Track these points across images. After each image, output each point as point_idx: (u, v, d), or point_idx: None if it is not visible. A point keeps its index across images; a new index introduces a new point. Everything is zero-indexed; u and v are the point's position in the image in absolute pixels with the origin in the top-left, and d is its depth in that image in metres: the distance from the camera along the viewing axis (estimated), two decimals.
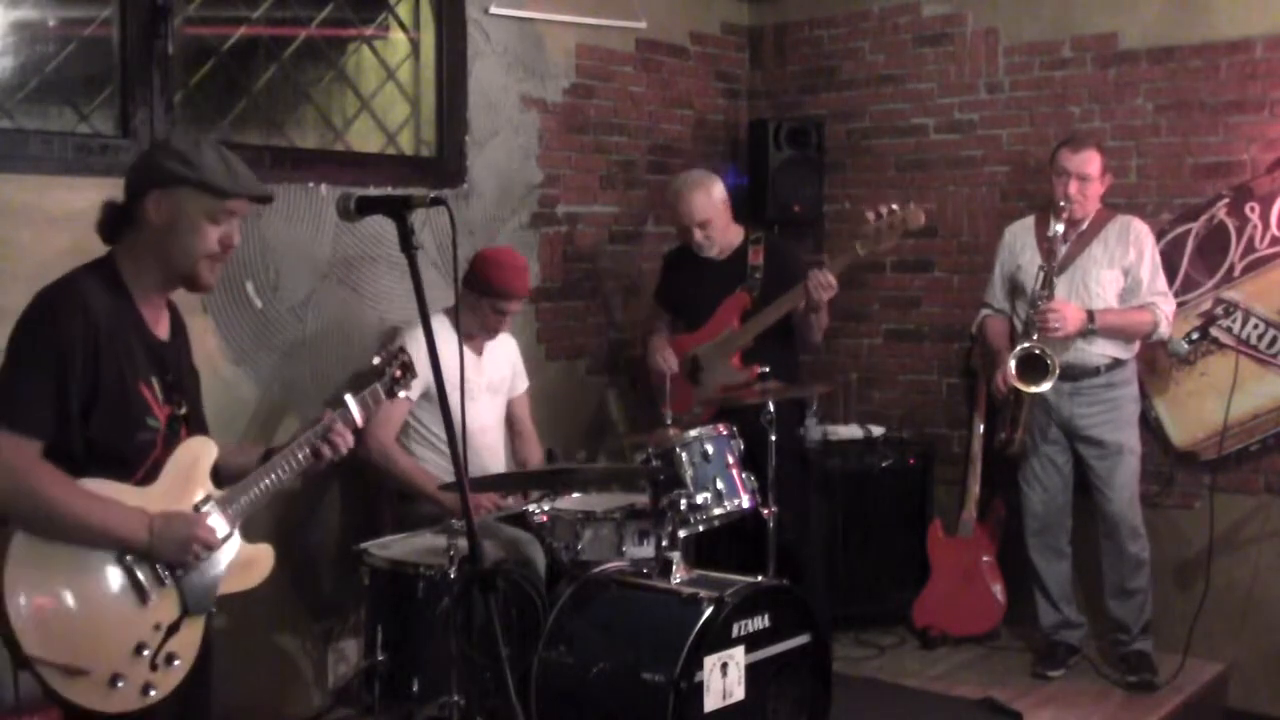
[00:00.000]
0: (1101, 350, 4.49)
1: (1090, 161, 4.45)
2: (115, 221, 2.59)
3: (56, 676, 2.41)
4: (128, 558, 2.50)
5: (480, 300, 4.10)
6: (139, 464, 2.56)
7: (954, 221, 5.43)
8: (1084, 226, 4.52)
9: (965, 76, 5.39)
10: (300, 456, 2.77)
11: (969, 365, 5.33)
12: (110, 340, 2.50)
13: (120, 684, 2.46)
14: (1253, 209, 4.72)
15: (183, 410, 2.66)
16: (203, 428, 2.75)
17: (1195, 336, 4.59)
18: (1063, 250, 4.52)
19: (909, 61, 5.53)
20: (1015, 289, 4.67)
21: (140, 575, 2.52)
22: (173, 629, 2.55)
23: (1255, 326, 4.71)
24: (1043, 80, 5.18)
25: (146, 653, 2.50)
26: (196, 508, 2.62)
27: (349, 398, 2.89)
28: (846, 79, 5.71)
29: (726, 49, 5.85)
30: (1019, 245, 4.69)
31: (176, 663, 2.55)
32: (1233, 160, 4.76)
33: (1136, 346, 4.58)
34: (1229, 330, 4.74)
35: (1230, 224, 4.76)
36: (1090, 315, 4.40)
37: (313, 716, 4.25)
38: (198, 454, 2.67)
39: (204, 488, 2.66)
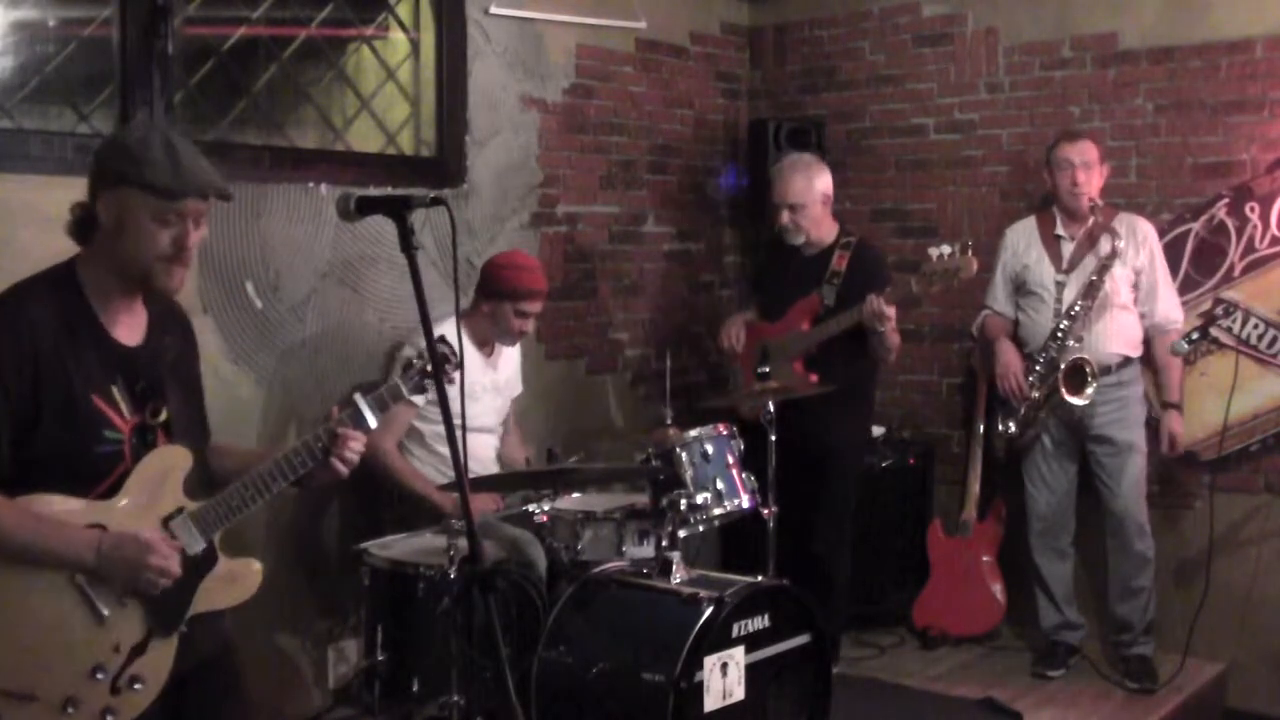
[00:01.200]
0: (1113, 349, 4.51)
1: (1089, 149, 4.50)
2: (83, 223, 2.41)
3: None
4: (79, 576, 2.33)
5: (501, 305, 4.08)
6: (104, 477, 2.39)
7: (954, 221, 5.42)
8: (1089, 224, 4.52)
9: (965, 76, 5.38)
10: (296, 463, 2.53)
11: (969, 365, 5.33)
12: (55, 356, 2.33)
13: (72, 709, 2.31)
14: (1253, 209, 4.72)
15: (160, 418, 2.46)
16: (191, 434, 2.56)
17: (1195, 336, 4.58)
18: (1069, 250, 4.54)
19: (909, 61, 5.53)
20: (1020, 288, 4.68)
21: (93, 594, 2.34)
22: (137, 650, 2.38)
23: (1255, 326, 4.71)
24: (1043, 80, 5.18)
25: (103, 676, 2.34)
26: (166, 521, 2.43)
27: (359, 397, 2.63)
28: (846, 79, 5.71)
29: (726, 49, 5.85)
30: (1023, 245, 4.69)
31: (139, 686, 2.38)
32: (1233, 160, 4.76)
33: (1142, 346, 4.59)
34: (1229, 330, 4.74)
35: (1230, 224, 4.76)
36: (1178, 407, 4.58)
37: (313, 716, 4.25)
38: (167, 465, 2.45)
39: (175, 500, 2.45)
